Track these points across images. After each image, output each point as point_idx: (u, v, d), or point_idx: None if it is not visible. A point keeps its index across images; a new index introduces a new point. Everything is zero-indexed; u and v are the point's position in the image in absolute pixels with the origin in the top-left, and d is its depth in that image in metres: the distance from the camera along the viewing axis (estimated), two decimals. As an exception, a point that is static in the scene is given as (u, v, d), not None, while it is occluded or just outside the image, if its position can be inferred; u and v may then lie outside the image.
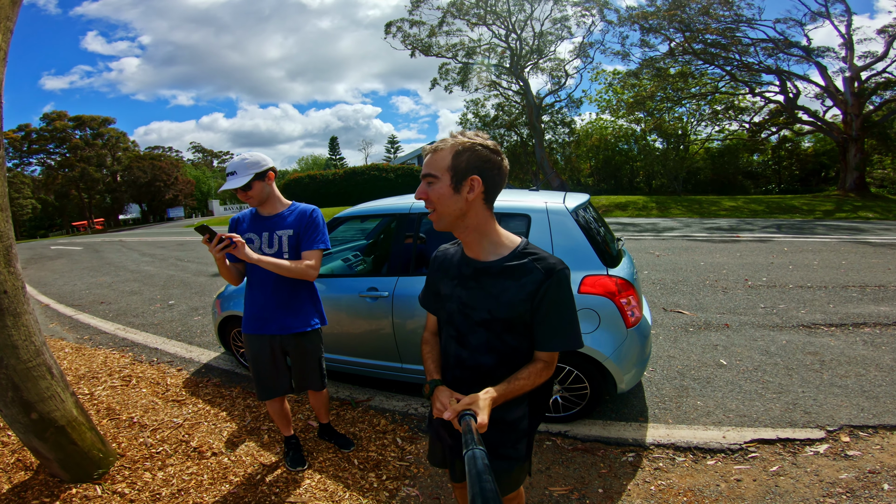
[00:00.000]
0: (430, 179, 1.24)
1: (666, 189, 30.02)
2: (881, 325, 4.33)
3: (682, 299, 5.40)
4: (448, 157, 1.21)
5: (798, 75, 22.49)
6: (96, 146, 45.66)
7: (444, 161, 1.21)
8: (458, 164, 1.20)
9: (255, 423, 3.03)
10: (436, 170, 1.22)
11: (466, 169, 1.20)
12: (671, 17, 22.43)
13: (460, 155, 1.20)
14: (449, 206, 1.23)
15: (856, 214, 14.79)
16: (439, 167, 1.22)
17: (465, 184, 1.21)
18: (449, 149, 1.21)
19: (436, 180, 1.22)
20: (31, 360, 2.17)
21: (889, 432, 2.64)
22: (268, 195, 2.29)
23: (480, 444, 0.90)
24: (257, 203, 2.29)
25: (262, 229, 2.30)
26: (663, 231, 12.02)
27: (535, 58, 27.91)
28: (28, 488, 2.35)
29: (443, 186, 1.22)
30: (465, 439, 0.94)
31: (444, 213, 1.24)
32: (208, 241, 2.00)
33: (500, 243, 1.30)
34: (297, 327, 2.34)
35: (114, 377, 3.89)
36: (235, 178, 2.18)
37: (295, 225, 2.29)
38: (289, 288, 2.32)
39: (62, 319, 6.20)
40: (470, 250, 1.32)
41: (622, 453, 2.57)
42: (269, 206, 2.33)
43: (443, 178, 1.21)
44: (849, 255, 7.70)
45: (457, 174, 1.21)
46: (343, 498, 2.26)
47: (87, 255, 14.60)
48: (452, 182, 1.21)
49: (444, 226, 1.27)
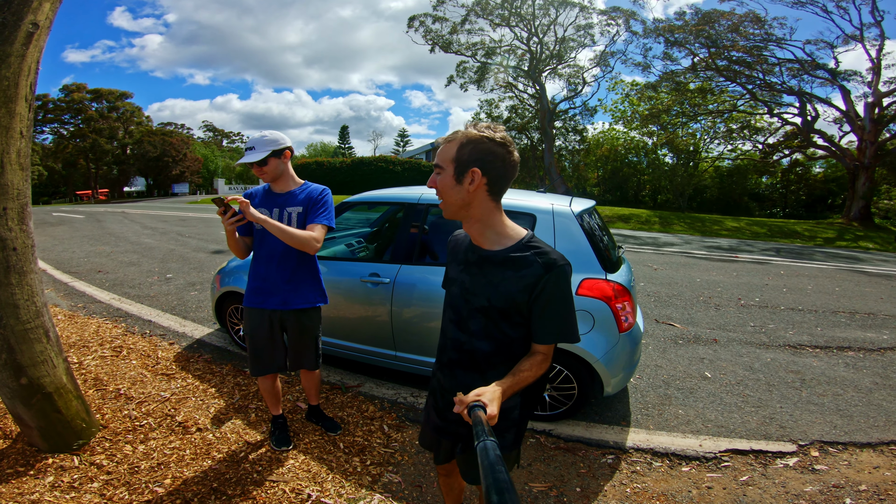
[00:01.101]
0: (437, 170, 1.30)
1: (671, 205, 29.99)
2: (865, 350, 4.40)
3: (674, 312, 5.45)
4: (454, 149, 1.26)
5: (820, 98, 22.38)
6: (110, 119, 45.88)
7: (451, 153, 1.26)
8: (461, 156, 1.25)
9: (243, 402, 3.07)
10: (443, 161, 1.28)
11: (468, 161, 1.24)
12: (698, 31, 22.31)
13: (464, 147, 1.25)
14: (451, 196, 1.28)
15: (856, 244, 14.82)
16: (446, 158, 1.27)
17: (467, 175, 1.25)
18: (457, 141, 1.26)
19: (442, 171, 1.28)
20: (30, 321, 2.21)
21: (858, 449, 2.72)
22: (281, 172, 2.36)
23: (491, 436, 0.91)
24: (271, 179, 2.34)
25: (272, 205, 2.36)
26: (663, 246, 12.06)
27: (555, 63, 27.86)
28: (4, 456, 2.34)
29: (447, 177, 1.27)
30: (476, 431, 0.95)
31: (448, 203, 1.31)
32: (223, 213, 2.08)
33: (506, 234, 1.33)
34: (299, 303, 2.40)
35: (104, 347, 3.93)
36: (253, 153, 2.27)
37: (305, 202, 2.35)
38: (293, 264, 2.37)
39: (58, 286, 6.24)
40: (476, 238, 1.37)
41: (602, 455, 2.63)
42: (282, 184, 2.39)
43: (447, 169, 1.27)
44: (843, 282, 7.75)
45: (459, 166, 1.25)
46: (326, 480, 2.31)
47: (89, 224, 14.67)
48: (455, 173, 1.26)
49: (449, 214, 1.33)
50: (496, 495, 0.72)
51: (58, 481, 2.18)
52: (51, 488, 2.13)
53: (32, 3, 2.09)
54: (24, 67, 2.11)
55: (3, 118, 2.06)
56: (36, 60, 2.18)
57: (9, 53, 2.04)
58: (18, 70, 2.08)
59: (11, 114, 2.09)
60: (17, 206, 2.16)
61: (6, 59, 2.03)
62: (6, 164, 2.09)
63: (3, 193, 2.10)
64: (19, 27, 2.06)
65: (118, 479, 2.21)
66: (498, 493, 0.73)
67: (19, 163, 2.16)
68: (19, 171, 2.16)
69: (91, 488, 2.14)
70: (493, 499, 0.72)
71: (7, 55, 2.04)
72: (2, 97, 2.04)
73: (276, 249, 2.33)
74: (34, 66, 2.17)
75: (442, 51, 28.19)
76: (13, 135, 2.11)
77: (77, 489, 2.13)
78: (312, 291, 2.46)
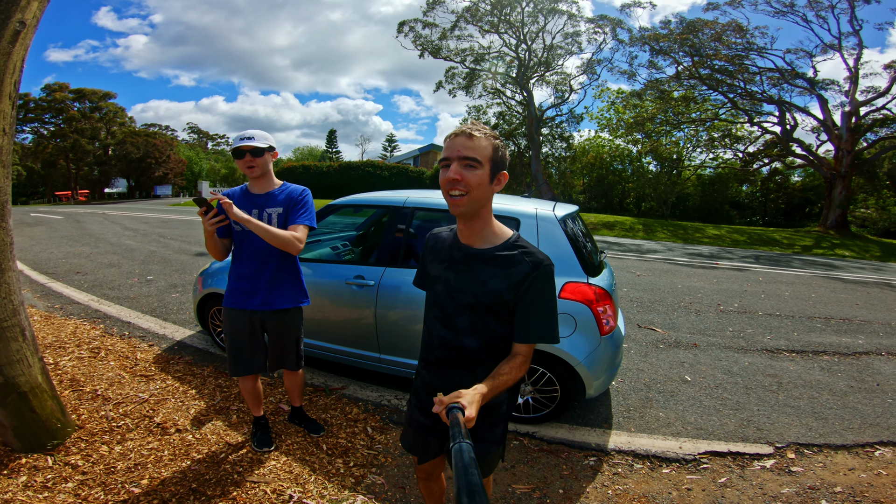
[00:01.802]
0: (471, 163, 1.25)
1: (654, 212, 30.45)
2: (840, 355, 4.52)
3: (656, 318, 5.53)
4: (489, 149, 1.27)
5: (798, 107, 22.94)
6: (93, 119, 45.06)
7: (487, 151, 1.27)
8: (496, 157, 1.28)
9: (224, 403, 3.03)
10: (480, 156, 1.25)
11: (501, 163, 1.30)
12: (683, 40, 22.73)
13: (498, 150, 1.29)
14: (483, 193, 1.29)
15: (833, 252, 15.23)
16: (483, 155, 1.26)
17: (498, 177, 1.30)
18: (487, 140, 1.27)
19: (479, 166, 1.26)
20: (6, 319, 2.17)
21: (833, 451, 2.79)
22: (267, 170, 2.36)
23: (468, 438, 0.91)
24: (259, 173, 2.32)
25: (252, 206, 2.34)
26: (647, 252, 12.24)
27: (542, 70, 28.17)
28: None
29: (484, 174, 1.27)
30: (453, 432, 0.94)
31: (477, 198, 1.28)
32: (204, 213, 2.07)
33: (495, 233, 1.37)
34: (280, 303, 2.39)
35: (82, 348, 3.85)
36: (254, 141, 2.26)
37: (285, 203, 2.35)
38: (275, 264, 2.36)
39: (34, 286, 6.09)
40: (466, 237, 1.38)
41: (584, 457, 2.65)
42: (263, 184, 2.38)
43: (485, 167, 1.27)
44: (820, 288, 7.95)
45: (495, 166, 1.28)
46: (308, 481, 2.29)
47: (68, 225, 14.34)
48: (491, 172, 1.28)
49: (470, 210, 1.30)
50: (467, 498, 0.74)
51: (31, 481, 2.13)
52: (24, 488, 2.07)
53: (20, 1, 2.07)
54: (10, 65, 2.10)
55: (-17, 117, 2.03)
56: (21, 59, 2.16)
57: (-9, 47, 2.01)
58: (3, 68, 2.07)
59: (-7, 110, 2.06)
60: None
61: (-12, 53, 2.01)
62: (-15, 161, 2.06)
63: (-19, 191, 2.06)
64: (6, 25, 2.05)
65: (93, 480, 2.16)
66: (469, 495, 0.74)
67: (1, 160, 2.13)
68: (0, 169, 2.13)
69: (65, 488, 2.10)
70: (464, 501, 0.73)
71: (-11, 49, 2.01)
72: (-15, 94, 2.01)
73: (258, 250, 2.32)
74: (19, 65, 2.15)
75: (431, 56, 28.34)
76: (-8, 134, 2.07)
77: (51, 489, 2.08)
78: (294, 291, 2.46)
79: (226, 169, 65.44)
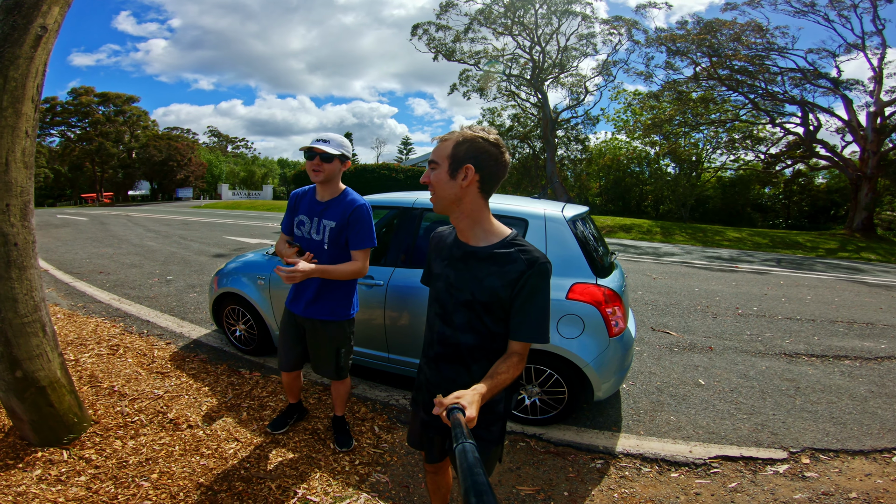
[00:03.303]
0: (433, 165, 1.35)
1: (673, 215, 29.93)
2: (862, 359, 4.38)
3: (671, 321, 5.44)
4: (450, 147, 1.32)
5: (822, 108, 22.25)
6: (117, 122, 46.32)
7: (447, 150, 1.33)
8: (456, 153, 1.31)
9: (235, 400, 3.09)
10: (438, 157, 1.34)
11: (463, 158, 1.31)
12: (700, 41, 22.30)
13: (460, 145, 1.31)
14: (445, 191, 1.34)
15: (858, 255, 14.76)
16: (441, 155, 1.34)
17: (461, 171, 1.31)
18: (453, 139, 1.33)
19: (437, 166, 1.34)
20: (28, 314, 2.25)
21: (850, 457, 2.71)
22: (333, 177, 2.30)
23: (470, 438, 0.91)
24: (324, 178, 2.26)
25: (313, 213, 2.34)
26: (663, 255, 12.05)
27: (557, 72, 27.99)
28: None
29: (441, 172, 1.33)
30: (455, 433, 0.94)
31: (441, 197, 1.36)
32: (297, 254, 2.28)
33: (491, 231, 1.39)
34: (318, 314, 2.39)
35: (101, 345, 3.96)
36: (327, 145, 2.21)
37: (338, 217, 2.27)
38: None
39: (59, 286, 6.29)
40: (462, 235, 1.41)
41: (592, 459, 2.63)
42: (328, 191, 2.33)
43: (442, 165, 1.33)
44: (843, 292, 7.72)
45: (454, 162, 1.31)
46: (313, 478, 2.32)
47: (93, 226, 14.77)
48: (450, 169, 1.32)
49: (440, 208, 1.38)
50: (475, 497, 0.73)
51: (45, 474, 2.19)
52: (37, 481, 2.14)
53: (42, 6, 2.16)
54: (32, 69, 2.17)
55: (10, 118, 2.12)
56: (44, 63, 2.24)
57: (17, 55, 2.10)
58: (26, 72, 2.14)
59: (18, 114, 2.15)
60: (20, 202, 2.21)
61: (15, 61, 2.10)
62: (11, 162, 2.15)
63: (7, 190, 2.15)
64: (28, 30, 2.13)
65: (105, 473, 2.23)
66: (476, 495, 0.74)
67: (24, 161, 2.22)
68: (23, 170, 2.22)
69: (78, 482, 2.16)
70: (472, 501, 0.73)
71: (16, 57, 2.10)
72: (9, 97, 2.10)
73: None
74: (42, 69, 2.23)
75: (445, 59, 28.42)
76: (19, 134, 2.16)
77: (64, 482, 2.15)
78: (336, 304, 2.40)
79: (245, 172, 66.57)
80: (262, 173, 67.32)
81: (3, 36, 2.08)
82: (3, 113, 2.09)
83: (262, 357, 3.82)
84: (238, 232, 13.52)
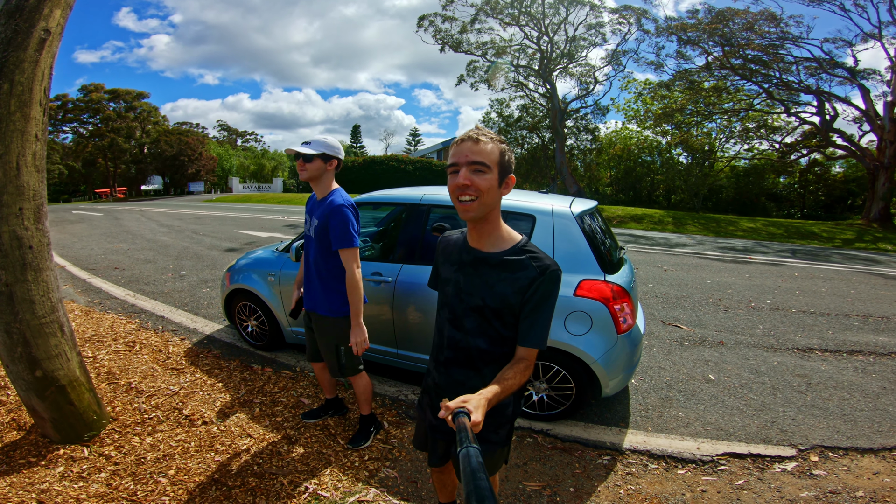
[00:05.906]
0: (480, 168, 1.27)
1: (685, 205, 29.53)
2: (876, 355, 4.32)
3: (682, 314, 5.41)
4: (496, 153, 1.30)
5: (839, 97, 21.81)
6: (128, 118, 46.77)
7: (494, 155, 1.29)
8: (503, 161, 1.31)
9: (248, 396, 3.15)
10: (488, 160, 1.28)
11: (508, 167, 1.33)
12: (712, 30, 21.88)
13: (505, 154, 1.31)
14: (492, 198, 1.31)
15: (875, 245, 14.48)
16: (491, 160, 1.28)
17: (507, 180, 1.33)
18: (494, 145, 1.30)
19: (488, 171, 1.28)
20: (45, 315, 2.31)
21: (860, 455, 2.69)
22: (318, 176, 2.39)
23: (475, 443, 0.90)
24: (308, 177, 2.38)
25: (311, 211, 2.50)
26: (675, 246, 11.93)
27: (565, 62, 27.66)
28: (18, 447, 2.45)
29: (493, 178, 1.29)
30: (460, 437, 0.94)
31: (487, 203, 1.30)
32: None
33: (503, 237, 1.39)
34: (317, 308, 2.49)
35: (118, 342, 4.05)
36: (305, 147, 2.35)
37: (321, 217, 2.37)
38: (315, 271, 2.46)
39: (75, 282, 6.43)
40: (475, 240, 1.40)
41: (598, 456, 2.64)
42: (319, 190, 2.45)
43: (494, 171, 1.29)
44: (859, 284, 7.59)
45: (503, 170, 1.31)
46: (323, 473, 2.37)
47: (107, 222, 15.01)
48: (499, 176, 1.31)
49: (480, 214, 1.31)
50: (477, 502, 0.74)
51: (67, 471, 2.27)
52: (60, 478, 2.22)
53: (43, 10, 2.17)
54: (38, 73, 2.20)
55: (19, 122, 2.15)
56: (49, 66, 2.26)
57: (22, 59, 2.13)
58: (32, 76, 2.17)
59: (27, 118, 2.18)
60: (33, 206, 2.25)
61: (20, 65, 2.12)
62: (22, 166, 2.18)
63: (19, 194, 2.19)
64: (31, 34, 2.15)
65: (125, 470, 2.30)
66: (478, 500, 0.74)
67: (35, 165, 2.25)
68: (35, 173, 2.26)
69: (98, 478, 2.23)
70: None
71: (21, 61, 2.12)
72: (17, 102, 2.13)
73: (308, 256, 2.50)
74: (48, 72, 2.26)
75: (452, 50, 28.20)
76: (28, 138, 2.20)
77: (85, 479, 2.22)
78: (330, 301, 2.45)
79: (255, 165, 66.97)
80: (272, 166, 67.62)
81: (6, 40, 2.10)
82: (11, 118, 2.12)
83: (274, 353, 3.88)
84: (249, 226, 13.65)
